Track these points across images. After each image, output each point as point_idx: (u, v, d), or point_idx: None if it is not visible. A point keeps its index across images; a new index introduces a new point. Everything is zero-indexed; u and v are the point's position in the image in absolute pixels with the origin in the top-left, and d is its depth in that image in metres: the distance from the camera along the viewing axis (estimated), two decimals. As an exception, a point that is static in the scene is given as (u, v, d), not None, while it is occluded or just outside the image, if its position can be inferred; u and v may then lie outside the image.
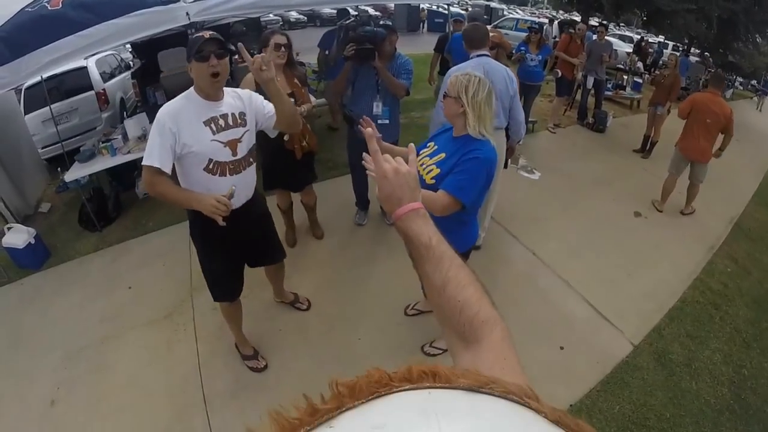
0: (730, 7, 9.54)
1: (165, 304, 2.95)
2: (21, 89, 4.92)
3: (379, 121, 3.05)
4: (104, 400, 2.33)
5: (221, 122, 1.79)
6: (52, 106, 3.96)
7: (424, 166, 1.85)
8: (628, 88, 8.82)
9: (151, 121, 4.23)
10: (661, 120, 5.78)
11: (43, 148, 5.06)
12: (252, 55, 1.69)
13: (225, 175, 1.84)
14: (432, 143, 1.96)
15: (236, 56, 6.83)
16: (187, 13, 3.09)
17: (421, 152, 1.95)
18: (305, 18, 18.76)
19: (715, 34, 10.93)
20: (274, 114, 1.90)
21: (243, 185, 1.92)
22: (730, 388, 2.60)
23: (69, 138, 4.84)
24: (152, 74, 5.59)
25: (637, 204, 4.54)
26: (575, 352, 2.61)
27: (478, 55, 2.91)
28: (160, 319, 2.83)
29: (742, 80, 19.46)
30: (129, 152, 3.84)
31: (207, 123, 1.76)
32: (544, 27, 11.49)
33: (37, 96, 4.61)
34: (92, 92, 5.35)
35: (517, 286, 3.18)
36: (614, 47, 7.79)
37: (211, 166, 1.80)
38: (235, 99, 1.86)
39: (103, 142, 3.88)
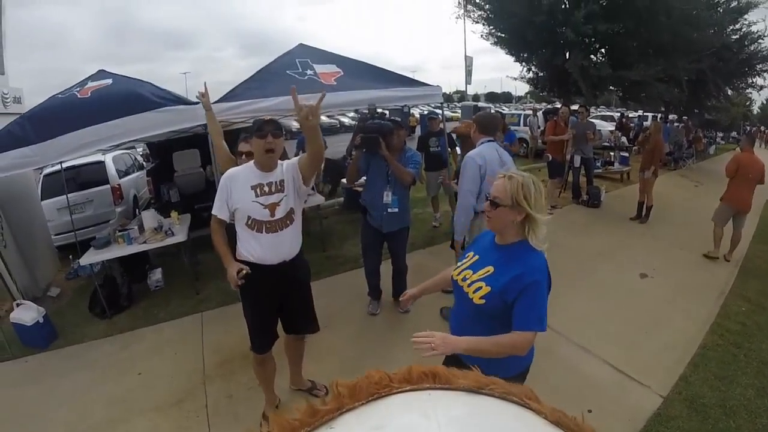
0: (696, 67, 10.13)
1: (176, 390, 2.85)
2: (40, 177, 5.18)
3: (389, 210, 3.28)
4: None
5: (266, 188, 2.12)
6: (69, 195, 4.18)
7: (468, 281, 1.58)
8: (616, 163, 9.35)
9: (164, 215, 4.43)
10: (650, 184, 6.07)
11: (56, 234, 5.21)
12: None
13: (261, 232, 2.13)
14: (471, 253, 1.71)
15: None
16: None
17: (460, 264, 1.71)
18: (338, 122, 19.83)
19: (688, 96, 11.67)
20: (297, 160, 2.18)
21: (279, 243, 2.17)
22: (770, 419, 2.48)
23: (82, 228, 5.00)
24: (166, 173, 5.92)
25: (642, 266, 4.60)
26: (605, 414, 2.48)
27: (488, 140, 3.06)
28: (170, 406, 2.72)
29: (722, 134, 20.52)
30: (145, 242, 3.94)
31: (254, 188, 2.11)
32: (528, 119, 12.40)
33: (55, 184, 4.86)
34: (108, 186, 5.63)
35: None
36: (597, 127, 8.28)
37: (249, 222, 2.12)
38: (281, 170, 2.17)
39: (119, 231, 4.01)
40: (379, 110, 15.72)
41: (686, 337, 3.29)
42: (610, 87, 11.75)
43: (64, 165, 3.89)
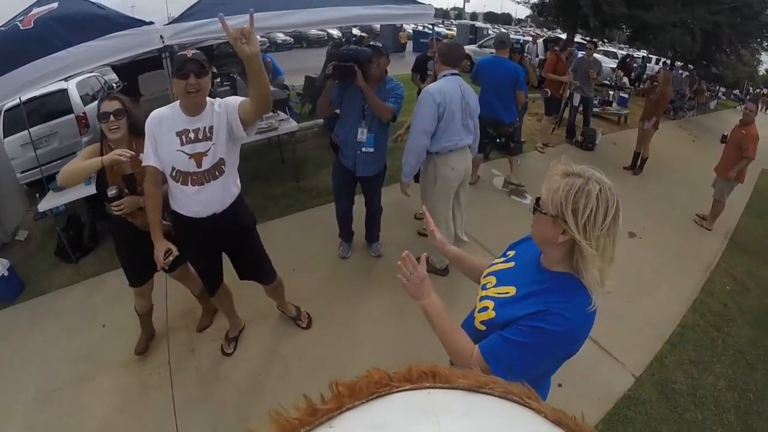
0: (715, 20, 9.59)
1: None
2: (1, 112, 4.79)
3: (363, 149, 2.94)
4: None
5: (191, 135, 1.89)
6: (31, 129, 3.83)
7: (486, 290, 1.23)
8: (614, 104, 8.90)
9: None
10: (649, 135, 5.79)
11: (22, 172, 4.90)
12: (232, 78, 1.62)
13: (187, 185, 1.95)
14: (513, 252, 1.31)
15: (217, 79, 6.84)
16: (161, 36, 2.98)
17: (496, 260, 1.33)
18: (291, 40, 18.81)
19: (700, 46, 11.06)
20: (236, 105, 1.88)
21: (206, 197, 2.00)
22: (737, 415, 2.50)
23: (48, 162, 4.69)
24: (134, 97, 5.48)
25: (632, 224, 4.45)
26: (575, 390, 2.45)
27: (452, 74, 2.81)
28: (134, 362, 2.66)
29: (724, 90, 19.89)
30: (106, 180, 3.67)
31: (179, 134, 1.88)
32: (526, 46, 11.57)
33: (17, 118, 4.51)
34: (72, 116, 5.19)
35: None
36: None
37: (174, 174, 1.93)
38: (212, 112, 1.92)
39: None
40: (357, 32, 14.46)
41: (668, 312, 3.25)
42: (622, 26, 10.92)
43: (25, 97, 3.51)
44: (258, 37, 1.58)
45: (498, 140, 4.71)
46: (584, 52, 6.73)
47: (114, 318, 3.00)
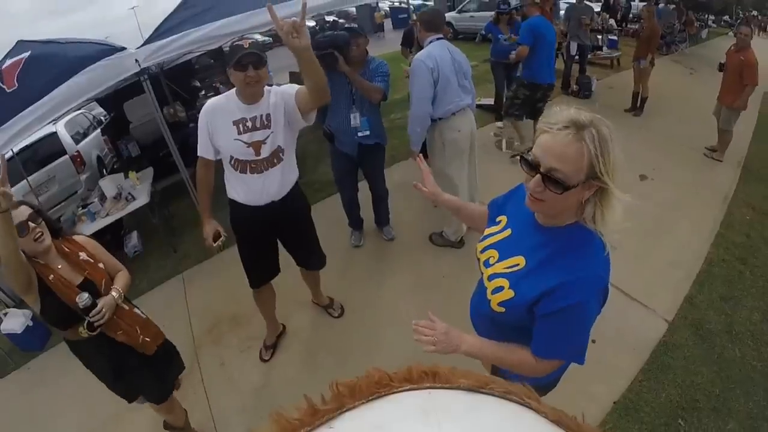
0: None
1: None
2: None
3: (359, 134, 2.90)
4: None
5: (249, 124, 1.91)
6: (29, 177, 3.84)
7: (490, 269, 1.14)
8: (605, 48, 8.66)
9: (125, 176, 4.13)
10: (646, 74, 5.65)
11: (28, 222, 4.94)
12: (215, 89, 1.60)
13: (246, 173, 1.98)
14: (505, 219, 1.19)
15: (202, 92, 6.76)
16: (137, 60, 2.94)
17: (487, 233, 1.22)
18: (270, 39, 18.58)
19: (684, -24, 10.67)
20: (294, 94, 1.91)
21: (265, 184, 2.02)
22: (775, 347, 2.44)
23: (52, 207, 4.70)
24: (122, 127, 5.47)
25: (642, 167, 4.33)
26: (609, 344, 2.39)
27: (437, 38, 2.82)
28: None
29: (714, 18, 19.25)
30: (108, 214, 3.69)
31: (236, 123, 1.91)
32: (512, 4, 11.21)
33: (13, 171, 4.43)
34: (66, 157, 5.18)
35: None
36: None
37: (233, 162, 1.97)
38: (268, 100, 1.94)
39: (81, 208, 3.75)
40: (330, 18, 14.07)
41: (691, 250, 3.17)
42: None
43: (17, 148, 3.53)
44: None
45: (539, 104, 4.47)
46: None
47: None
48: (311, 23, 17.35)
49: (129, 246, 4.11)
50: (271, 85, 2.07)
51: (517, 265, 1.06)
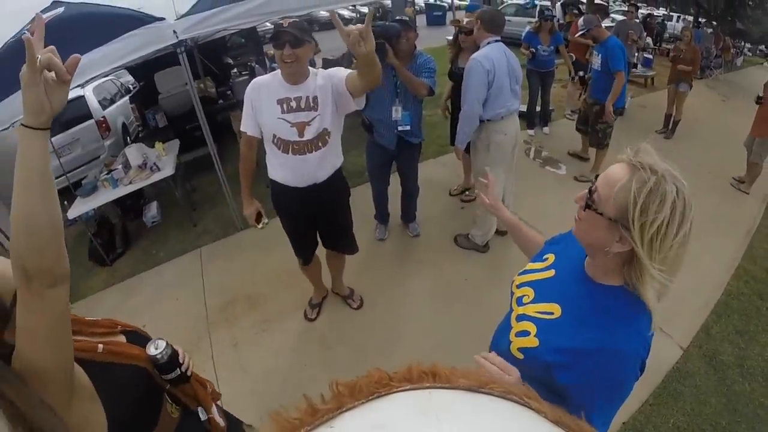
0: None
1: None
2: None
3: (400, 128, 2.90)
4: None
5: (293, 104, 1.91)
6: (52, 138, 3.87)
7: (522, 307, 1.05)
8: (639, 66, 8.52)
9: (150, 146, 4.16)
10: (683, 98, 5.56)
11: (49, 182, 5.01)
12: (251, 67, 1.59)
13: (288, 153, 1.98)
14: (552, 256, 1.10)
15: (234, 69, 6.77)
16: (175, 31, 2.94)
17: (529, 268, 1.13)
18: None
19: (724, 1, 10.45)
20: (343, 78, 1.87)
21: (307, 167, 2.02)
22: (784, 386, 2.41)
23: (73, 169, 4.79)
24: (151, 96, 5.51)
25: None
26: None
27: (495, 40, 2.79)
28: (179, 360, 2.73)
29: (750, 47, 18.85)
30: (131, 182, 3.73)
31: (280, 102, 1.91)
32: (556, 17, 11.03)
33: None
34: (92, 121, 5.26)
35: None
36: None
37: (275, 141, 1.97)
38: (315, 82, 1.93)
39: (104, 174, 3.79)
40: (363, 10, 13.96)
41: (711, 280, 3.13)
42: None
43: None
44: (268, 24, 1.55)
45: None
46: (624, 16, 6.41)
47: (154, 317, 3.06)
48: (347, 13, 17.32)
49: (148, 216, 4.16)
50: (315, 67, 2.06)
51: (552, 313, 0.96)
